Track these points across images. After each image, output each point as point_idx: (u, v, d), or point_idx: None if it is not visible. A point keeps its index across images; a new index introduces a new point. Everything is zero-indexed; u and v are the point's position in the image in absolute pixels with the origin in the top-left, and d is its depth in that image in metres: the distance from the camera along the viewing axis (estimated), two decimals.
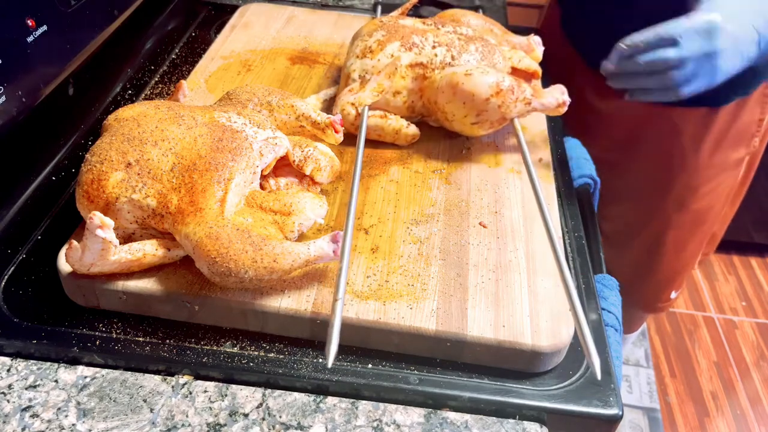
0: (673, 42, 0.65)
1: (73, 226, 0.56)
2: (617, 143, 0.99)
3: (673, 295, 1.18)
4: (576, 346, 0.53)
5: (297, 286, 0.53)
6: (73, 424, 0.46)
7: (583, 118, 1.00)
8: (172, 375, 0.50)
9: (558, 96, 0.68)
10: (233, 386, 0.50)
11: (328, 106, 0.75)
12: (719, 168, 0.96)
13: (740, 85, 0.86)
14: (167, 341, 0.52)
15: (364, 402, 0.49)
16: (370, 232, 0.59)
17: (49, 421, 0.46)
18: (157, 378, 0.50)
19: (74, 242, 0.49)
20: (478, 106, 0.66)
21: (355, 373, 0.50)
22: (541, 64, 0.79)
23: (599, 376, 0.45)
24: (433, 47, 0.69)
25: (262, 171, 0.57)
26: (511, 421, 0.49)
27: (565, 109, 0.69)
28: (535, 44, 0.80)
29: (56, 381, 0.49)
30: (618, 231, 1.12)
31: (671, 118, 0.91)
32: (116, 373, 0.50)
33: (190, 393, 0.49)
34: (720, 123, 0.91)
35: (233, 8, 0.98)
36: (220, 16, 0.99)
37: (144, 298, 0.52)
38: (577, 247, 0.63)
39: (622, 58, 0.68)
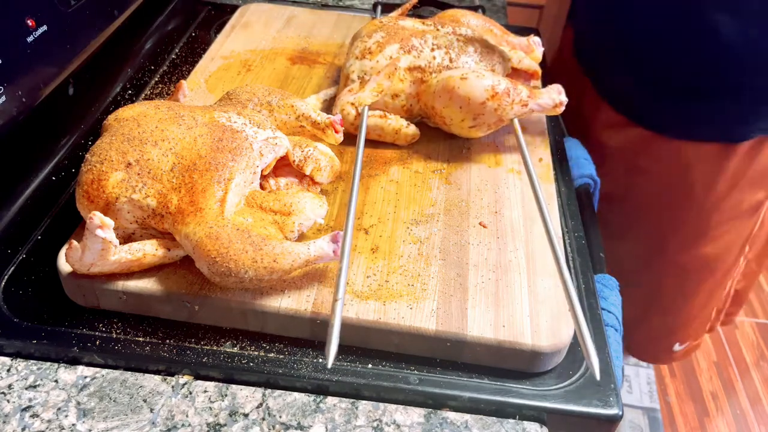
0: None
1: (73, 226, 0.56)
2: (621, 177, 0.93)
3: (676, 347, 1.08)
4: (576, 346, 0.53)
5: (297, 286, 0.53)
6: (73, 424, 0.46)
7: (592, 149, 0.93)
8: (172, 375, 0.50)
9: (555, 96, 0.68)
10: (233, 386, 0.50)
11: (328, 106, 0.75)
12: (733, 212, 0.88)
13: (763, 118, 0.79)
14: (167, 341, 0.52)
15: (364, 402, 0.49)
16: (370, 232, 0.59)
17: (49, 421, 0.46)
18: (157, 378, 0.50)
19: (74, 242, 0.49)
20: (475, 110, 0.65)
21: (355, 373, 0.50)
22: (542, 66, 0.79)
23: (598, 377, 0.45)
24: (432, 50, 0.69)
25: (262, 171, 0.57)
26: (511, 421, 0.49)
27: (562, 109, 0.69)
28: (535, 45, 0.80)
29: (56, 381, 0.49)
30: (622, 269, 1.00)
31: (680, 152, 0.84)
32: (116, 373, 0.50)
33: (190, 393, 0.49)
34: (736, 161, 0.83)
35: (233, 8, 0.98)
36: (220, 16, 0.99)
37: (144, 298, 0.52)
38: (577, 247, 0.63)
39: None
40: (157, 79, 0.84)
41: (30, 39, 0.59)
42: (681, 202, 0.88)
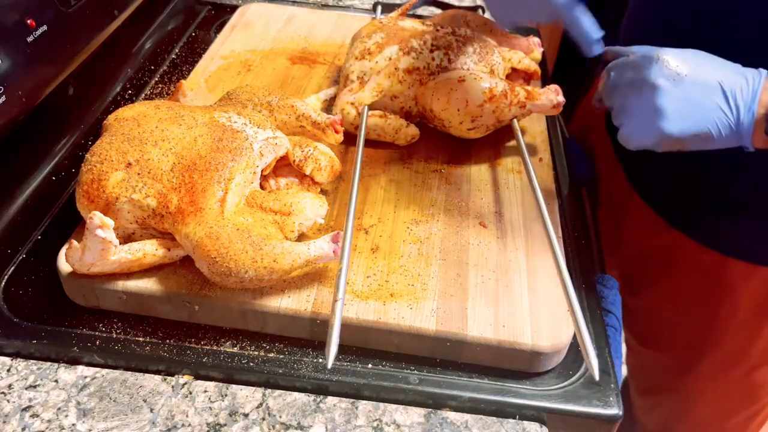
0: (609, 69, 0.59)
1: (73, 226, 0.56)
2: (651, 279, 0.81)
3: None
4: (576, 345, 0.53)
5: (297, 286, 0.53)
6: (73, 424, 0.46)
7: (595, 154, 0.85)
8: (172, 375, 0.50)
9: (552, 97, 0.68)
10: (233, 386, 0.50)
11: (328, 106, 0.75)
12: None
13: None
14: (167, 341, 0.52)
15: (364, 402, 0.49)
16: (370, 232, 0.59)
17: (49, 421, 0.46)
18: (157, 378, 0.50)
19: (74, 242, 0.49)
20: (473, 112, 0.65)
21: (355, 373, 0.50)
22: (542, 66, 0.79)
23: (597, 377, 0.46)
24: (431, 50, 0.69)
25: (262, 171, 0.57)
26: (511, 421, 0.49)
27: (560, 109, 0.68)
28: (535, 45, 0.80)
29: (56, 381, 0.49)
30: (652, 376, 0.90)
31: (727, 268, 0.71)
32: (116, 373, 0.50)
33: (190, 393, 0.49)
34: None
35: (233, 8, 0.98)
36: (220, 16, 0.99)
37: (144, 298, 0.52)
38: (577, 247, 0.63)
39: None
40: (157, 79, 0.84)
41: (30, 39, 0.59)
42: (721, 320, 0.75)
